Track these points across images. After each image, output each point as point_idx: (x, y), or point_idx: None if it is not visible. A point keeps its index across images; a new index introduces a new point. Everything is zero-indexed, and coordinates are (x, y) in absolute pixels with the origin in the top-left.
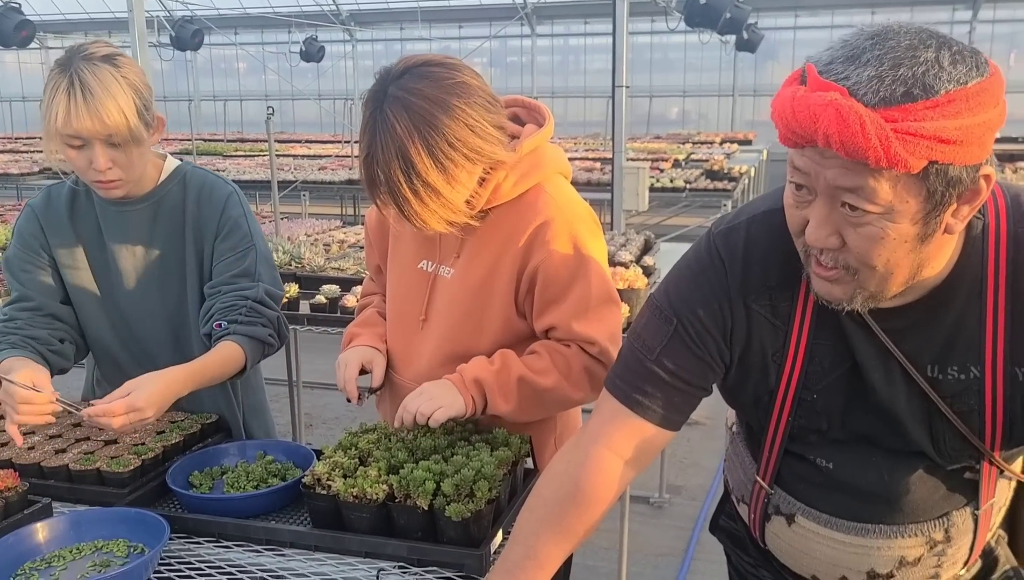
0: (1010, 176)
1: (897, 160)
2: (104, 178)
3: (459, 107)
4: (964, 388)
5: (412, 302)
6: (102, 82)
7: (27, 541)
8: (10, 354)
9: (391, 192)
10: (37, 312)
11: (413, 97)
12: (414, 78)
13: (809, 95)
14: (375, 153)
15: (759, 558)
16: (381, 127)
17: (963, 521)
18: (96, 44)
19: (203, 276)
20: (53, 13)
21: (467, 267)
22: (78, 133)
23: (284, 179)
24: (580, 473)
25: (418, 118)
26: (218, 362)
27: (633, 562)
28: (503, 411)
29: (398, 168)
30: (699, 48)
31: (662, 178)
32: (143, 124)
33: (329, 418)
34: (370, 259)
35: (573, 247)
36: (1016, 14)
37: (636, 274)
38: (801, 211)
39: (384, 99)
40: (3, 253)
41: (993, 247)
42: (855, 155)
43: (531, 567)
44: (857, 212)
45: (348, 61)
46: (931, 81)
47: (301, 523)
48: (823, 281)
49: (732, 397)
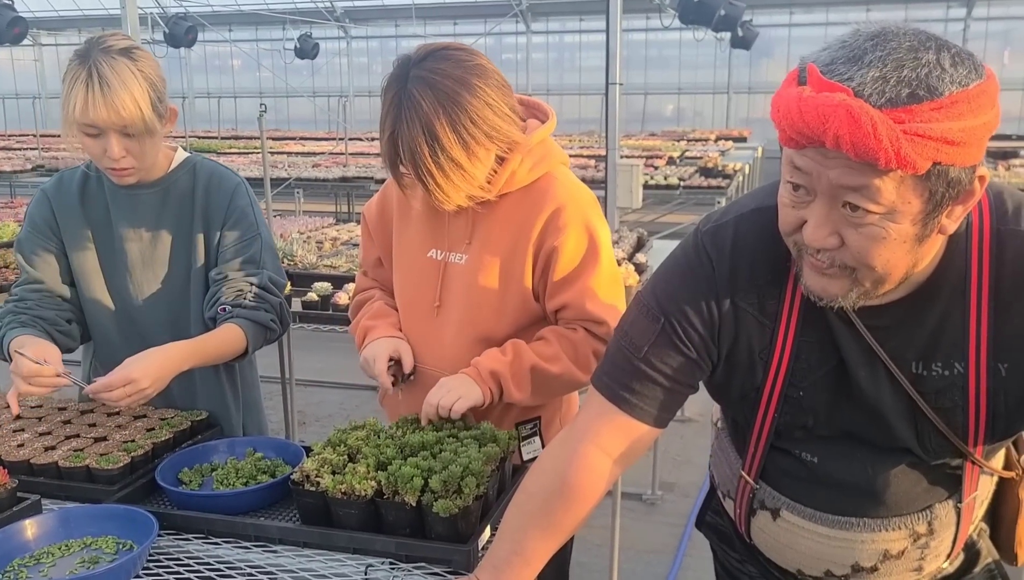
0: (1003, 173)
1: (906, 162)
2: (117, 166)
3: (480, 87)
4: (948, 384)
5: (424, 290)
6: (119, 75)
7: (16, 538)
8: (20, 332)
9: (415, 166)
10: (46, 293)
11: (437, 76)
12: (436, 60)
13: (817, 96)
14: (400, 130)
15: (745, 553)
16: (407, 104)
17: (946, 514)
18: (115, 36)
19: (208, 262)
20: (46, 10)
21: (482, 252)
22: (94, 123)
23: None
24: (567, 470)
25: (443, 95)
26: (218, 342)
27: (625, 558)
28: (517, 399)
29: (423, 142)
30: (694, 45)
31: (656, 175)
32: (157, 115)
33: (322, 415)
34: (368, 254)
35: (586, 231)
36: (1010, 12)
37: (628, 271)
38: (798, 211)
39: (407, 80)
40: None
41: (977, 245)
42: (865, 156)
43: (518, 563)
44: (859, 212)
45: (343, 58)
46: (934, 83)
47: (290, 519)
48: (818, 276)
49: (719, 393)
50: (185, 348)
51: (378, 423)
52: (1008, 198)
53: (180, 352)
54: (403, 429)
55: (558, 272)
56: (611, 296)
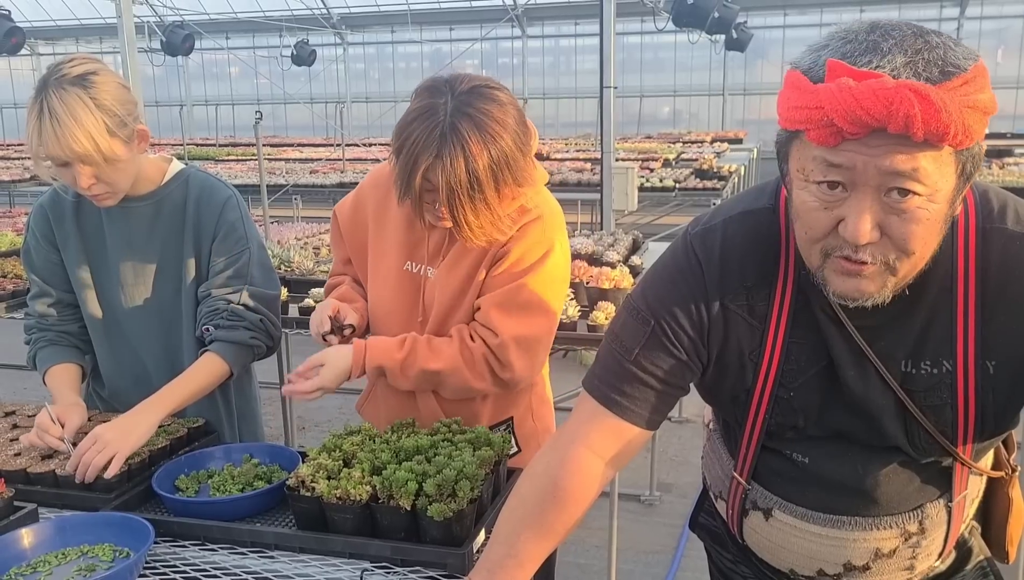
0: (997, 172)
1: (970, 133)
2: (90, 193)
3: (515, 131)
4: (937, 382)
5: (404, 303)
6: (69, 108)
7: (13, 547)
8: (52, 354)
9: (450, 200)
10: (61, 305)
11: (484, 117)
12: (481, 99)
13: (867, 83)
14: (444, 161)
15: (738, 554)
16: (453, 138)
17: (937, 513)
18: (72, 62)
19: (200, 276)
20: (43, 19)
21: (451, 265)
22: (51, 156)
23: (275, 183)
24: (559, 472)
25: (488, 137)
26: (196, 379)
27: (623, 560)
28: (402, 387)
29: (465, 180)
30: (689, 48)
31: (652, 178)
32: (119, 141)
33: (322, 421)
34: (339, 253)
35: (543, 248)
36: (1003, 10)
37: (623, 274)
38: (831, 212)
39: (449, 111)
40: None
41: (963, 243)
42: (935, 133)
43: (512, 566)
44: (908, 196)
45: (339, 64)
46: (954, 59)
47: (286, 525)
48: (851, 278)
49: (710, 395)
50: (157, 403)
51: (373, 428)
52: (993, 197)
53: (153, 407)
54: (398, 434)
55: (496, 271)
56: (521, 321)
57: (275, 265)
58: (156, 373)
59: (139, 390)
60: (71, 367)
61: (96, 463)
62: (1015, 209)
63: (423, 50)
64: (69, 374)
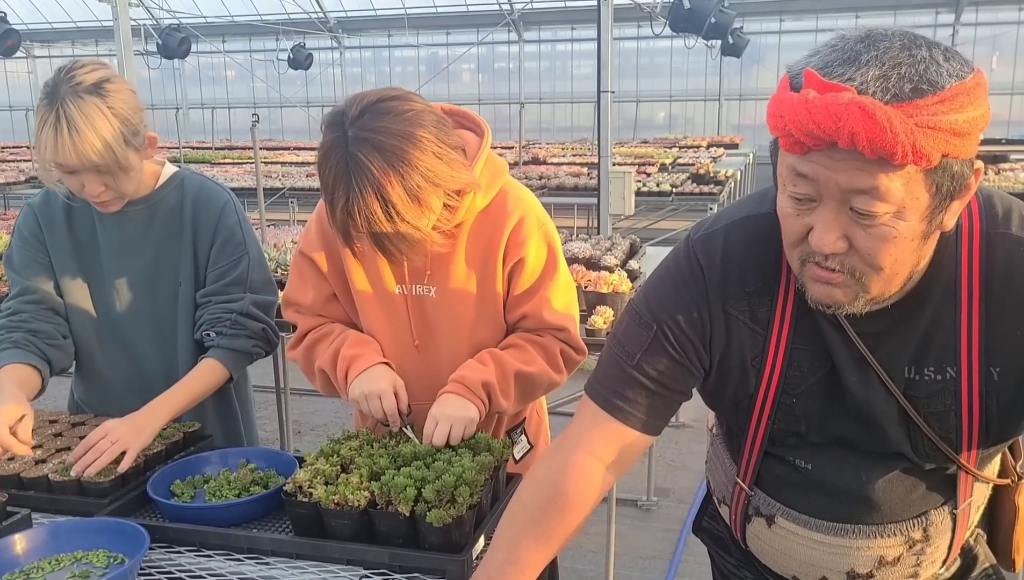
0: (993, 178)
1: (921, 155)
2: (98, 200)
3: (424, 137)
4: (940, 388)
5: (397, 327)
6: (87, 117)
7: (5, 552)
8: (11, 357)
9: (370, 231)
10: (40, 305)
11: (380, 136)
12: (375, 116)
13: (824, 96)
14: (353, 200)
15: (741, 559)
16: (355, 171)
17: (941, 520)
18: (85, 69)
19: (197, 279)
20: (39, 22)
21: (451, 280)
22: (66, 165)
23: (272, 186)
24: (561, 478)
25: (390, 155)
26: (196, 383)
27: (620, 565)
28: (503, 407)
29: (378, 208)
30: (685, 53)
31: (648, 182)
32: (132, 149)
33: (317, 425)
34: (317, 293)
35: (545, 241)
36: (998, 17)
37: (621, 278)
38: (803, 219)
39: (347, 143)
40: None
41: (967, 248)
42: (881, 152)
43: (512, 572)
44: (868, 213)
45: (336, 68)
46: (934, 76)
47: (283, 531)
48: (823, 285)
49: (712, 400)
50: (163, 404)
51: (371, 433)
52: (998, 201)
53: (160, 408)
54: (396, 439)
55: (521, 285)
56: (566, 304)
57: (272, 269)
58: (151, 377)
59: (133, 395)
60: (25, 368)
61: (108, 455)
62: (1020, 214)
63: (419, 54)
64: (18, 373)
